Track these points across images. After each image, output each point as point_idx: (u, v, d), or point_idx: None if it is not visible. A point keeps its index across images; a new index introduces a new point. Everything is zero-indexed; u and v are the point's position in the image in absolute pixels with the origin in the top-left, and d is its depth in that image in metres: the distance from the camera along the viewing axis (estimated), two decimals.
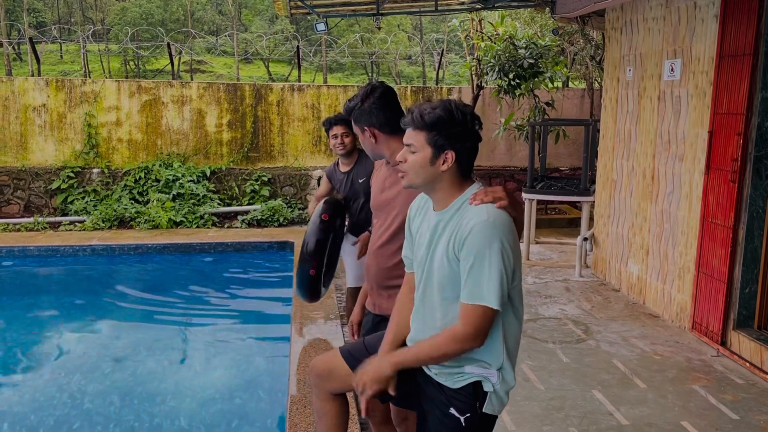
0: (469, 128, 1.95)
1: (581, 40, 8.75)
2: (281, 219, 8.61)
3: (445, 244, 1.94)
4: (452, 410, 1.98)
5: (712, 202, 4.46)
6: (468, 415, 1.97)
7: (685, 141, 4.79)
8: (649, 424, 3.45)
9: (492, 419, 2.03)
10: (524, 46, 7.58)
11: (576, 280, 6.09)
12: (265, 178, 9.10)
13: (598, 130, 6.38)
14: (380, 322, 2.50)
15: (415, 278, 2.10)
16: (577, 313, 5.17)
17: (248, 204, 8.94)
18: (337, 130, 3.94)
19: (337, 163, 4.13)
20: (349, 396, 2.88)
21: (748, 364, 4.13)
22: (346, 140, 3.92)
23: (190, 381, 4.52)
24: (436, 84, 11.01)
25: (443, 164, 1.95)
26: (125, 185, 8.75)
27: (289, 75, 19.59)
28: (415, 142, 1.96)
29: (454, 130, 1.94)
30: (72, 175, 8.72)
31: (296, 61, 10.96)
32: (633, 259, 5.54)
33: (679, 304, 4.88)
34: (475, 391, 1.97)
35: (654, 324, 4.95)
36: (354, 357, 2.26)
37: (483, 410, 1.97)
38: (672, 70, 4.95)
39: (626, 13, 5.65)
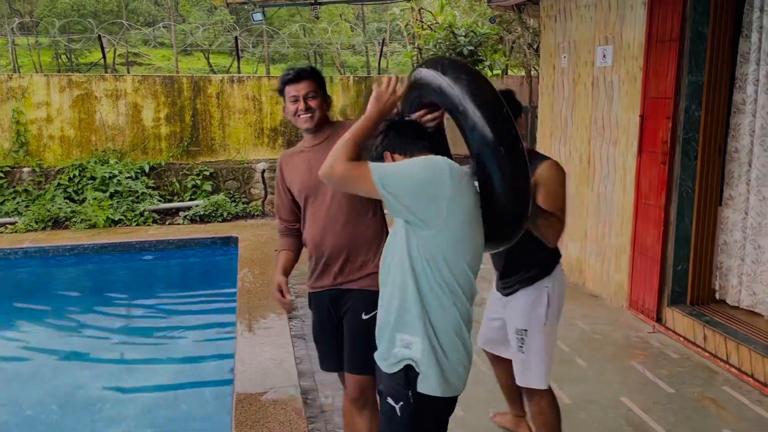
0: None
1: (519, 28, 8.88)
2: (225, 214, 8.45)
3: None
4: (389, 399, 1.96)
5: (645, 184, 4.61)
6: (401, 403, 1.93)
7: (618, 125, 4.93)
8: (590, 401, 3.55)
9: (433, 404, 1.94)
10: (464, 34, 7.64)
11: None
12: (207, 173, 8.91)
13: (537, 116, 6.50)
14: (341, 295, 2.56)
15: None
16: None
17: (190, 200, 8.73)
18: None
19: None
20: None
21: (682, 339, 4.30)
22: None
23: (133, 385, 4.39)
24: (379, 74, 10.99)
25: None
26: (59, 184, 8.41)
27: (230, 66, 19.20)
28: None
29: None
30: (1, 174, 8.31)
31: (236, 52, 10.74)
32: (572, 242, 5.68)
33: (617, 283, 5.04)
34: (406, 376, 1.91)
35: (594, 304, 5.10)
36: None
37: (418, 390, 1.91)
38: (604, 56, 5.07)
39: (560, 1, 5.75)
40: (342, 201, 2.51)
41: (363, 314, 2.50)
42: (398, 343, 1.92)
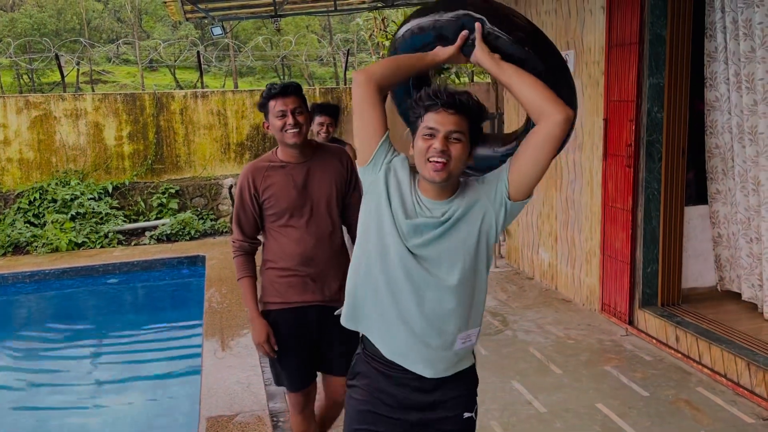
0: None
1: None
2: (192, 232, 8.26)
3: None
4: (465, 414, 1.99)
5: (612, 187, 4.61)
6: (475, 407, 2.03)
7: (583, 129, 4.93)
8: (566, 409, 3.51)
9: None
10: None
11: (492, 270, 6.15)
12: (173, 191, 8.72)
13: (503, 123, 6.49)
14: (331, 310, 2.40)
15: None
16: (494, 304, 5.22)
17: (156, 219, 8.54)
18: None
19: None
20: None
21: (654, 341, 4.29)
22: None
23: (101, 414, 4.22)
24: (345, 84, 10.94)
25: (470, 159, 1.83)
26: (18, 208, 8.16)
27: (197, 82, 19.01)
28: (462, 129, 1.76)
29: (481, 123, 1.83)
30: None
31: (199, 67, 10.59)
32: (543, 247, 5.66)
33: (588, 287, 5.02)
34: (471, 383, 2.06)
35: (566, 309, 5.07)
36: None
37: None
38: (566, 61, 5.08)
39: (520, 7, 5.76)
40: (327, 217, 2.60)
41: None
42: (459, 342, 1.87)
